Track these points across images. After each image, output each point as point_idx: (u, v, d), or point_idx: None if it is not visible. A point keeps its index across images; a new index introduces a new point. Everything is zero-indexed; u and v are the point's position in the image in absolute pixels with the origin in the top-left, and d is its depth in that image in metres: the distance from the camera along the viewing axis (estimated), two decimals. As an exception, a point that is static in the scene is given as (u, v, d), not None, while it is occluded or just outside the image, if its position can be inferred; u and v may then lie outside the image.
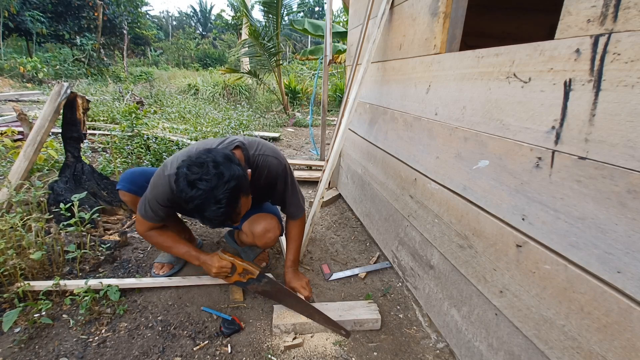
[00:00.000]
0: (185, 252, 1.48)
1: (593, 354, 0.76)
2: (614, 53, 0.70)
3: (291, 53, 16.97)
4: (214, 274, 1.44)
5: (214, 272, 1.43)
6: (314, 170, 3.51)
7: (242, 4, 7.31)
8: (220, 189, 1.05)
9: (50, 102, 2.05)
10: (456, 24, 1.33)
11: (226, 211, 1.07)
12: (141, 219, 1.44)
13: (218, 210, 1.06)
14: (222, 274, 1.44)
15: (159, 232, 1.49)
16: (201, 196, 1.05)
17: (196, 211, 1.09)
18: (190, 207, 1.07)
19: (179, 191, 1.09)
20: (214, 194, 1.05)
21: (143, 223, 1.46)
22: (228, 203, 1.07)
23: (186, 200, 1.07)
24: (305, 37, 24.24)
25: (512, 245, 1.00)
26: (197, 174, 1.06)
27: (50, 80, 10.61)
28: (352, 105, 1.91)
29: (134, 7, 15.37)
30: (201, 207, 1.06)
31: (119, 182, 1.57)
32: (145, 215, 1.42)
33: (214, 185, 1.05)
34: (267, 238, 1.53)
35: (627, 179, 0.69)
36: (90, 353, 1.25)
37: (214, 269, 1.42)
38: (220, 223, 1.14)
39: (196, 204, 1.06)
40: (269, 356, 1.28)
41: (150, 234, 1.49)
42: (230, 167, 1.10)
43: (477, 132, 1.14)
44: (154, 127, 4.14)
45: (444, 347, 1.37)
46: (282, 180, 1.49)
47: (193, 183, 1.06)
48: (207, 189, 1.04)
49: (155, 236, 1.49)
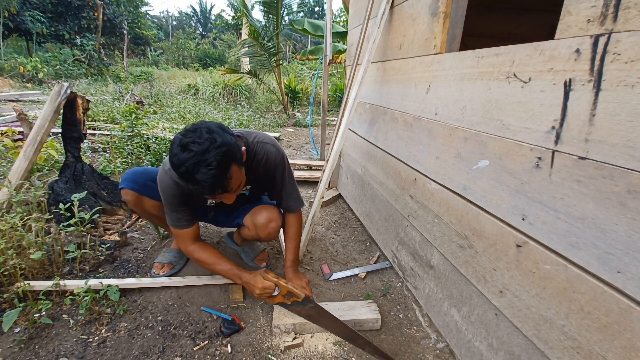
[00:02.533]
0: (228, 269, 1.44)
1: (593, 354, 0.76)
2: (614, 53, 0.70)
3: (291, 53, 16.97)
4: (257, 295, 1.39)
5: (257, 293, 1.38)
6: (314, 170, 3.51)
7: (242, 4, 7.30)
8: (211, 153, 1.07)
9: (50, 102, 2.05)
10: (456, 24, 1.33)
11: (216, 173, 1.07)
12: (175, 231, 1.46)
13: (208, 171, 1.06)
14: (265, 295, 1.39)
15: (200, 246, 1.48)
16: (193, 158, 1.06)
17: (188, 175, 1.08)
18: (182, 170, 1.08)
19: (172, 156, 1.10)
20: (205, 157, 1.06)
21: (179, 235, 1.46)
22: (218, 166, 1.07)
23: (178, 164, 1.08)
24: (305, 37, 24.24)
25: (512, 245, 1.00)
26: (190, 138, 1.08)
27: (50, 80, 10.61)
28: (352, 105, 1.91)
29: (134, 7, 15.37)
30: (192, 169, 1.07)
31: (121, 182, 1.56)
32: (175, 224, 1.43)
33: (205, 148, 1.06)
34: (270, 228, 1.54)
35: (627, 179, 0.69)
36: (90, 353, 1.25)
37: (257, 289, 1.37)
38: (212, 188, 1.11)
39: (187, 166, 1.07)
40: (269, 356, 1.28)
41: (192, 249, 1.47)
42: (223, 135, 1.12)
43: (477, 132, 1.14)
44: (154, 127, 4.14)
45: (444, 347, 1.37)
46: (281, 169, 1.50)
47: (185, 146, 1.07)
48: (199, 152, 1.06)
49: (198, 251, 1.47)
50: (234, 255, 1.93)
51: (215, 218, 1.81)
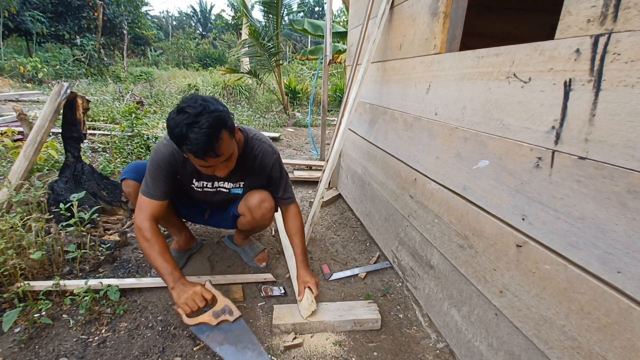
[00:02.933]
0: (166, 266, 1.33)
1: (593, 354, 0.76)
2: (614, 53, 0.70)
3: (291, 53, 16.97)
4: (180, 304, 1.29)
5: (180, 302, 1.29)
6: (314, 170, 3.51)
7: (242, 4, 7.31)
8: (204, 116, 1.16)
9: (50, 102, 2.05)
10: (456, 24, 1.33)
11: (208, 133, 1.15)
12: (142, 199, 1.40)
13: (200, 130, 1.14)
14: (188, 306, 1.28)
15: (155, 229, 1.40)
16: (187, 119, 1.15)
17: (182, 136, 1.16)
18: (177, 131, 1.16)
19: (169, 120, 1.19)
20: (198, 118, 1.15)
21: (143, 204, 1.40)
22: (210, 126, 1.15)
23: (174, 125, 1.17)
24: (305, 37, 24.24)
25: (512, 245, 1.00)
26: (186, 103, 1.19)
27: (50, 80, 10.61)
28: (352, 105, 1.91)
29: (134, 7, 15.37)
30: (186, 130, 1.15)
31: (122, 174, 1.58)
32: (147, 191, 1.40)
33: (199, 111, 1.16)
34: (264, 208, 1.56)
35: (627, 179, 0.69)
36: (90, 353, 1.25)
37: (181, 299, 1.29)
38: (204, 148, 1.16)
39: (181, 126, 1.15)
40: (269, 356, 1.28)
41: (147, 226, 1.37)
42: (216, 104, 1.23)
43: (477, 132, 1.14)
44: (154, 127, 4.14)
45: (444, 347, 1.37)
46: (277, 167, 1.57)
47: (181, 109, 1.18)
48: (192, 114, 1.15)
49: (149, 231, 1.37)
50: (233, 256, 1.93)
51: (212, 217, 1.81)
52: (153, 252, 1.35)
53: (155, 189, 1.41)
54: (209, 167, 1.29)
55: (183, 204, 1.76)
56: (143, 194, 1.42)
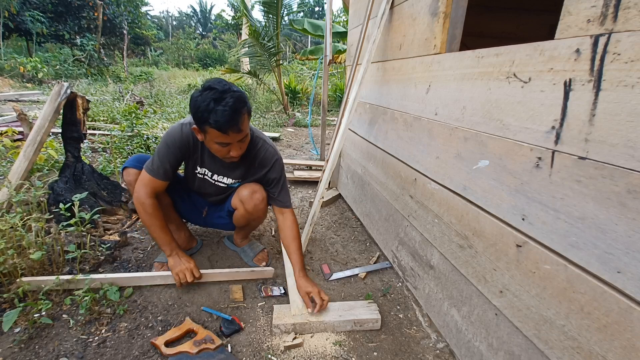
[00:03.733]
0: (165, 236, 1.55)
1: (593, 354, 0.76)
2: (614, 53, 0.70)
3: (291, 53, 16.96)
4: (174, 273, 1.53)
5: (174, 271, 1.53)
6: (314, 170, 3.51)
7: (242, 4, 7.31)
8: (229, 93, 1.29)
9: (50, 102, 2.05)
10: (456, 24, 1.33)
11: (234, 108, 1.28)
12: (145, 176, 1.50)
13: (226, 105, 1.27)
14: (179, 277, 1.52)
15: (155, 204, 1.51)
16: (215, 94, 1.28)
17: (210, 109, 1.27)
18: (204, 105, 1.27)
19: (196, 97, 1.31)
20: (224, 95, 1.28)
21: (146, 180, 1.49)
22: (236, 102, 1.29)
23: (202, 100, 1.28)
24: (305, 37, 24.24)
25: (512, 245, 1.00)
26: (211, 82, 1.33)
27: (50, 80, 10.61)
28: (352, 105, 1.91)
29: (134, 7, 15.37)
30: (214, 103, 1.27)
31: (125, 163, 1.63)
32: (150, 168, 1.49)
33: (225, 89, 1.30)
34: (255, 199, 1.59)
35: (627, 179, 0.69)
36: (90, 353, 1.25)
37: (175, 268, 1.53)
38: (229, 122, 1.28)
39: (209, 100, 1.27)
40: (269, 356, 1.28)
41: (149, 202, 1.49)
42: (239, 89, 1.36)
43: (477, 132, 1.14)
44: (154, 127, 4.14)
45: (444, 347, 1.37)
46: (277, 168, 1.62)
47: (208, 87, 1.31)
48: (220, 90, 1.29)
49: (151, 206, 1.50)
50: (233, 256, 1.93)
51: (209, 215, 1.82)
52: (154, 225, 1.51)
53: (159, 169, 1.48)
54: (227, 145, 1.37)
55: (182, 199, 1.77)
56: (147, 171, 1.50)
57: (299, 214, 2.56)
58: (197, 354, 1.24)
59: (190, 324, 1.36)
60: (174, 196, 1.75)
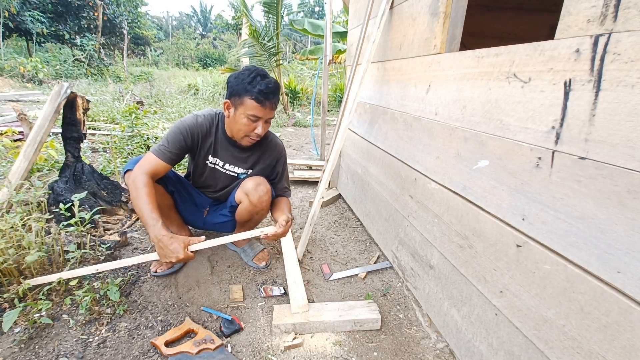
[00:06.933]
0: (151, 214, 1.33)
1: (593, 354, 0.76)
2: (614, 53, 0.70)
3: (291, 53, 16.97)
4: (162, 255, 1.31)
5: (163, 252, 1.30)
6: (314, 170, 3.51)
7: (242, 4, 7.31)
8: (270, 77, 1.49)
9: (50, 102, 2.05)
10: (456, 24, 1.33)
11: (276, 85, 1.47)
12: (149, 156, 1.50)
13: (272, 80, 1.46)
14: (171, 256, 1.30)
15: (147, 183, 1.40)
16: (260, 71, 1.48)
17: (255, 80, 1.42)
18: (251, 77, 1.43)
19: (235, 75, 1.48)
20: (267, 75, 1.48)
21: (148, 159, 1.48)
22: (276, 83, 1.48)
23: (247, 73, 1.45)
24: (305, 37, 24.23)
25: (512, 245, 1.00)
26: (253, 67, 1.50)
27: (50, 80, 10.61)
28: (352, 105, 1.91)
29: (133, 7, 15.38)
30: (261, 77, 1.44)
31: (126, 166, 1.58)
32: (157, 150, 1.50)
33: (267, 74, 1.49)
34: (260, 191, 1.61)
35: (627, 179, 0.69)
36: (90, 353, 1.25)
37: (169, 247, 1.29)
38: (273, 93, 1.45)
39: (255, 73, 1.44)
40: (269, 356, 1.28)
41: (145, 179, 1.40)
42: None
43: (477, 132, 1.14)
44: (154, 127, 4.14)
45: (444, 347, 1.37)
46: (283, 159, 1.76)
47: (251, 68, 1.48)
48: (263, 72, 1.48)
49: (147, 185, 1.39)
50: (233, 256, 1.93)
51: (210, 214, 1.84)
52: (142, 200, 1.36)
53: (165, 150, 1.50)
54: (257, 120, 1.47)
55: (183, 199, 1.77)
56: (152, 152, 1.51)
57: (299, 214, 2.56)
58: (197, 354, 1.24)
59: (190, 324, 1.36)
60: (175, 197, 1.75)
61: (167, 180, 1.68)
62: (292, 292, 1.54)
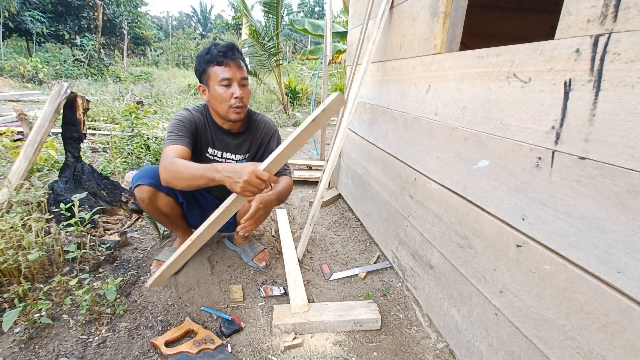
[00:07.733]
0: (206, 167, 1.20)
1: (593, 354, 0.76)
2: (614, 53, 0.70)
3: (291, 53, 16.96)
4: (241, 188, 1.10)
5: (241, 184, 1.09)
6: (314, 170, 3.51)
7: (242, 4, 7.31)
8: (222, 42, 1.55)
9: (50, 102, 2.05)
10: (456, 24, 1.33)
11: (229, 44, 1.51)
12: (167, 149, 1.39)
13: (222, 45, 1.49)
14: (250, 190, 1.10)
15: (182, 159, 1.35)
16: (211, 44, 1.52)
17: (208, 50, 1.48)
18: (202, 53, 1.50)
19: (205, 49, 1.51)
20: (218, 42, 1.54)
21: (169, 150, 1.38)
22: (229, 43, 1.52)
23: (201, 52, 1.51)
24: (305, 37, 24.22)
25: (512, 245, 1.00)
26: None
27: (50, 80, 10.62)
28: (352, 105, 1.91)
29: (133, 7, 15.39)
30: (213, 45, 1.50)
31: (135, 180, 1.51)
32: (171, 140, 1.45)
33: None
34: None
35: (627, 179, 0.69)
36: (90, 353, 1.25)
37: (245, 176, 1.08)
38: (229, 49, 1.47)
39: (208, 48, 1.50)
40: (269, 356, 1.28)
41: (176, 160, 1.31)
42: None
43: (477, 132, 1.14)
44: (154, 127, 4.14)
45: (444, 347, 1.37)
46: (277, 136, 1.74)
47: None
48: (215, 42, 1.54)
49: (180, 160, 1.31)
50: (233, 256, 1.93)
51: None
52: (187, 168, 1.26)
53: (178, 137, 1.47)
54: (230, 84, 1.46)
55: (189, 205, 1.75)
56: (167, 144, 1.43)
57: (299, 214, 2.56)
58: (197, 354, 1.24)
59: (190, 324, 1.36)
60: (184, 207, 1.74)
61: (178, 192, 1.65)
62: (292, 292, 1.54)
